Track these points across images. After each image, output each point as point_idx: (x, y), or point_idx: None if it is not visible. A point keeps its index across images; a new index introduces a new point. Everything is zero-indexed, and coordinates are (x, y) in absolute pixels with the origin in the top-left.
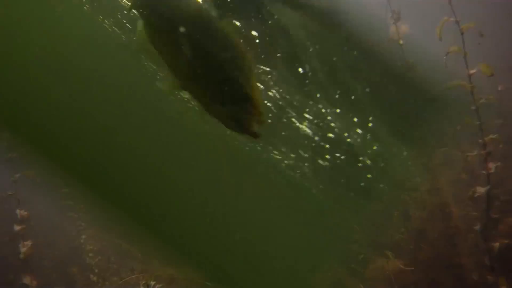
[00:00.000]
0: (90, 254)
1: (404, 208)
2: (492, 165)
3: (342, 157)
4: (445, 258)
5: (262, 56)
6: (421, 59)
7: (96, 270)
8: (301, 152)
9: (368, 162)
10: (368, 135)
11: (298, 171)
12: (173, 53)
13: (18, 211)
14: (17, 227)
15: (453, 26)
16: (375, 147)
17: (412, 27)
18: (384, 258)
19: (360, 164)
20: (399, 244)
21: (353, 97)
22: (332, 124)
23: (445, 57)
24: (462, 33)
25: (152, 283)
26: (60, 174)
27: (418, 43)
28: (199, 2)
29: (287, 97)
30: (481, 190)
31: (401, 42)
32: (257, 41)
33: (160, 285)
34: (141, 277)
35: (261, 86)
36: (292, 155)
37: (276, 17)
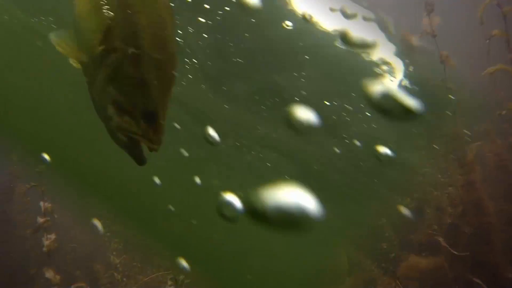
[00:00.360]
0: (114, 253)
1: (437, 204)
2: None
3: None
4: (480, 255)
5: None
6: (456, 50)
7: (120, 268)
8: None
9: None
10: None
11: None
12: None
13: (41, 203)
14: (40, 220)
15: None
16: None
17: (444, 18)
18: (416, 256)
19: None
20: (432, 242)
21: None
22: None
23: (487, 41)
24: (504, 16)
25: (182, 277)
26: (84, 170)
27: (451, 34)
28: None
29: None
30: None
31: (434, 33)
32: None
33: (188, 280)
34: (168, 274)
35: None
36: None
37: None
